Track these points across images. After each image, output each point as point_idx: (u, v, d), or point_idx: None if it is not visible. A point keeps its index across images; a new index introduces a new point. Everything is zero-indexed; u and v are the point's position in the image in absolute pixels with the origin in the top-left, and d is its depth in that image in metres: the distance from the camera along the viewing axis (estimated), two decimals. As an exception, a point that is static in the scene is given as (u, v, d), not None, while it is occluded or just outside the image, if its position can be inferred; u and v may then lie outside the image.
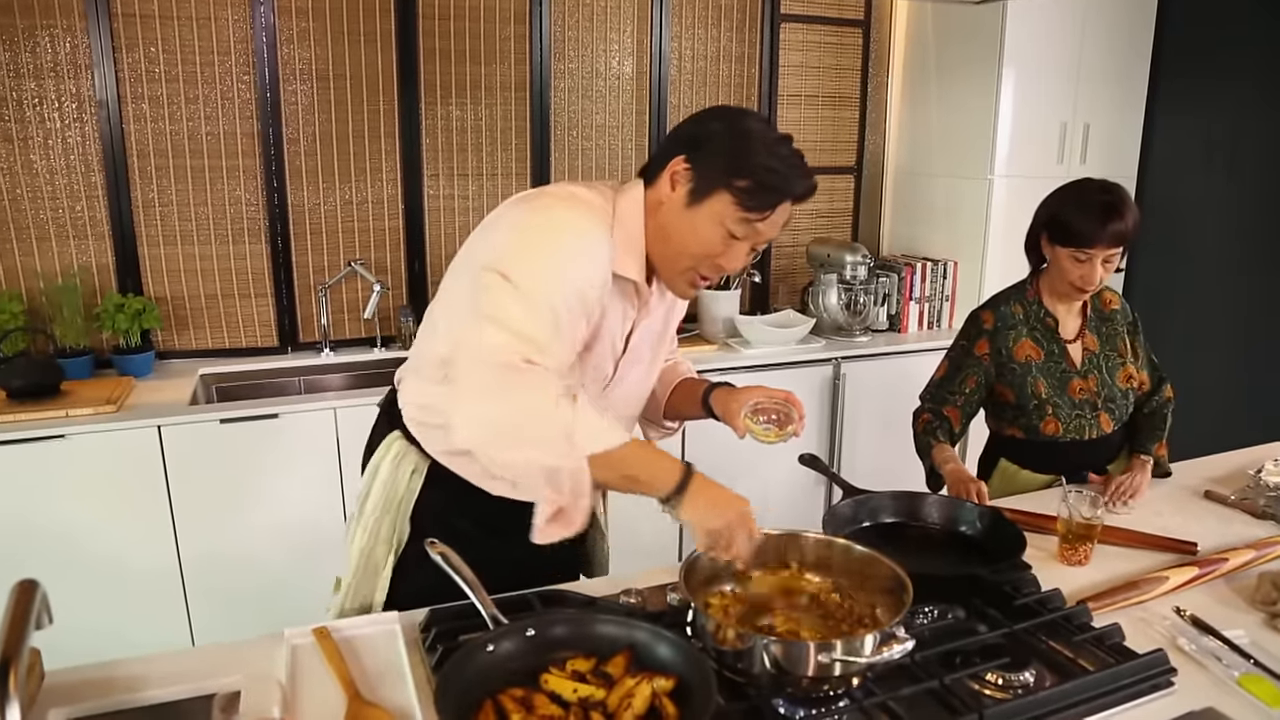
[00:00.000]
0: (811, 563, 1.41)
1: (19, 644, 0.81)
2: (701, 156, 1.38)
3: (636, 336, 1.56)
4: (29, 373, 2.72)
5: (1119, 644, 1.36)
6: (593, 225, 1.40)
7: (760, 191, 1.36)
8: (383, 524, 1.60)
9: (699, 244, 1.41)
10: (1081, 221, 1.98)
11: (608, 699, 1.13)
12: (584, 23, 3.49)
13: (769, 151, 1.37)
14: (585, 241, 1.38)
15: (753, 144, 1.37)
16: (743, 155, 1.36)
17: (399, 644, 1.40)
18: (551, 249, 1.37)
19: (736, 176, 1.35)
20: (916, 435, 2.22)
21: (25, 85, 2.89)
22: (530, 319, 1.30)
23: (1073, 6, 3.60)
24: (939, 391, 2.22)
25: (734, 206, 1.36)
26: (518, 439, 1.27)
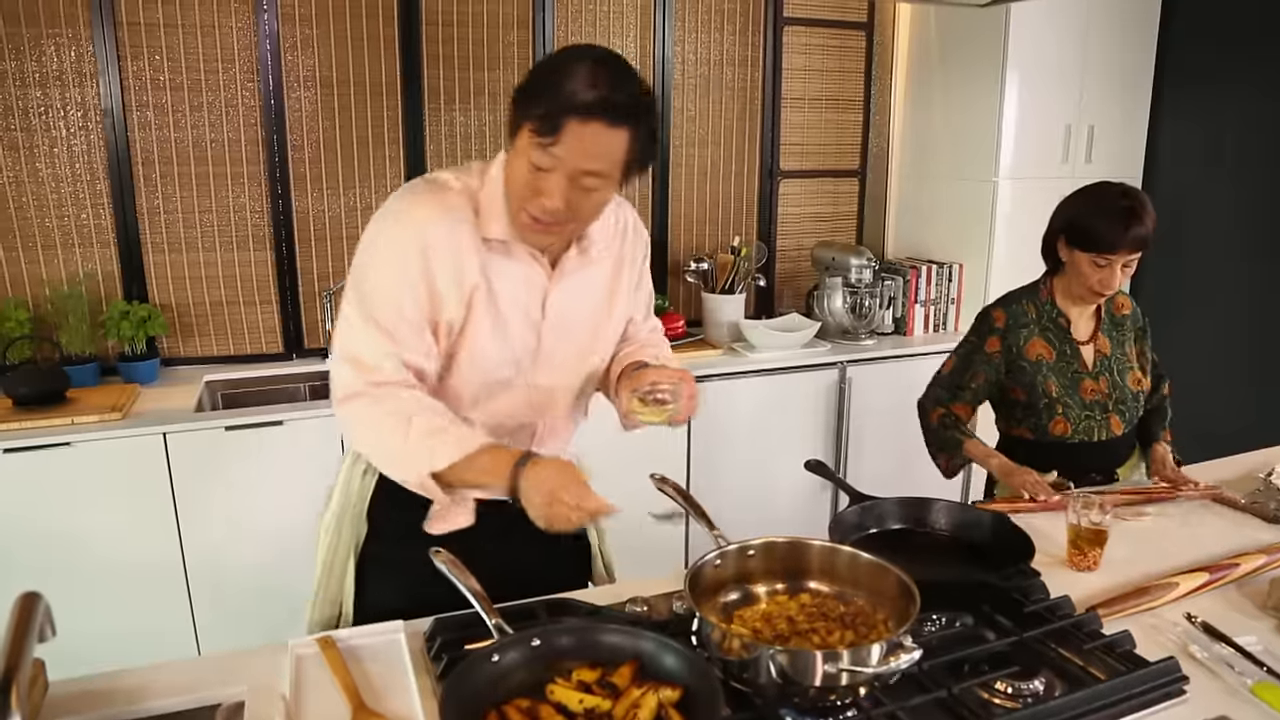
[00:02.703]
0: (818, 571, 1.40)
1: (21, 657, 0.81)
2: (516, 99, 1.36)
3: (558, 302, 1.54)
4: (35, 380, 2.73)
5: (1129, 651, 1.35)
6: (425, 210, 1.43)
7: (546, 114, 1.30)
8: (343, 526, 1.62)
9: (516, 183, 1.39)
10: (1103, 227, 1.98)
11: (614, 710, 1.12)
12: (586, 28, 3.48)
13: (560, 72, 1.31)
14: (414, 230, 1.42)
15: (546, 70, 1.34)
16: (535, 83, 1.34)
17: (404, 653, 1.39)
18: (384, 256, 1.44)
19: (530, 105, 1.32)
20: (932, 431, 2.21)
21: (31, 94, 2.90)
22: (368, 341, 1.42)
23: (1076, 8, 3.59)
24: (946, 388, 2.22)
25: (530, 134, 1.32)
26: (380, 462, 1.49)
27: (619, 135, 1.32)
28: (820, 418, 3.50)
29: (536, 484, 1.32)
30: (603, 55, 1.36)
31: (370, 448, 1.49)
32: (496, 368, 1.53)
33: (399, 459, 1.42)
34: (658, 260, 3.77)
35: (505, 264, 1.48)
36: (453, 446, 1.38)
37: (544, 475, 1.33)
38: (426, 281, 1.43)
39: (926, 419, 2.24)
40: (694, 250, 3.80)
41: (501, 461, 1.37)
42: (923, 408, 2.27)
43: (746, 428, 3.37)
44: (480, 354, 1.50)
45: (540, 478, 1.33)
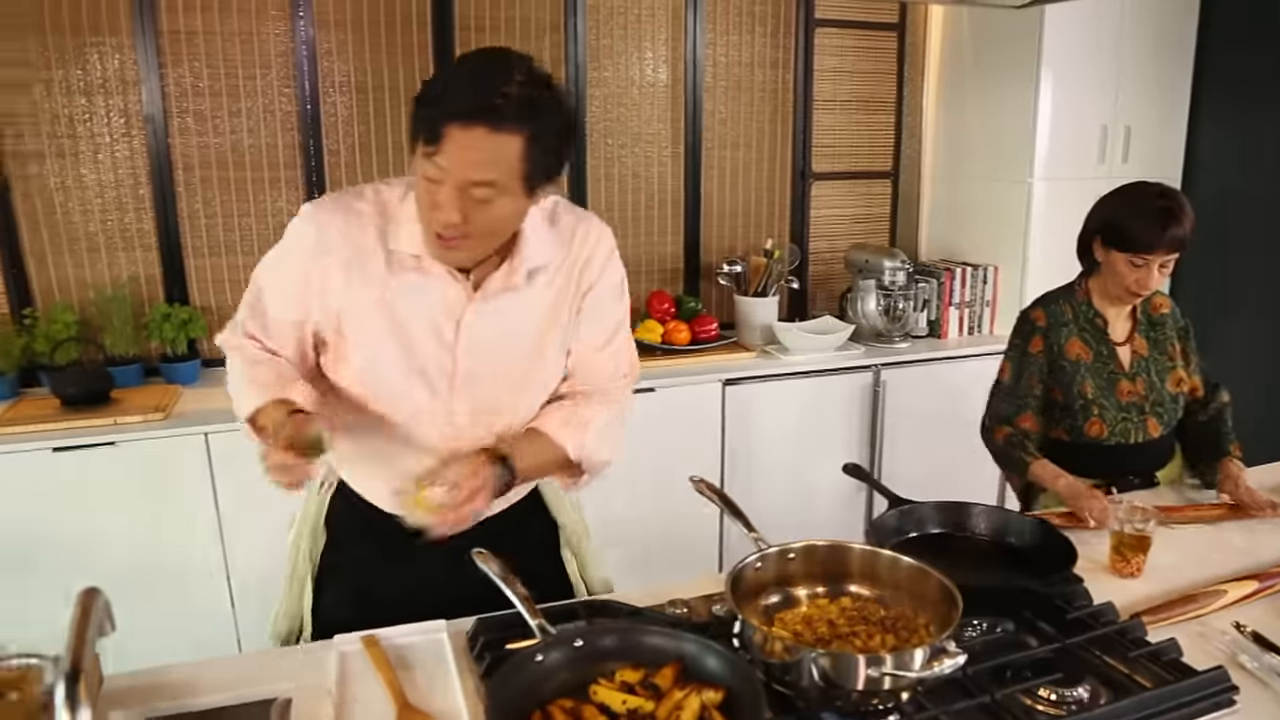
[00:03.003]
0: (858, 574, 1.40)
1: (85, 650, 0.83)
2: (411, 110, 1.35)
3: (477, 325, 1.47)
4: (81, 381, 2.79)
5: (1176, 660, 1.33)
6: (325, 215, 1.44)
7: (428, 122, 1.26)
8: (303, 536, 1.67)
9: (419, 198, 1.35)
10: (1140, 227, 1.97)
11: (657, 711, 1.13)
12: (618, 31, 3.50)
13: (440, 80, 1.29)
14: (306, 231, 1.44)
15: (436, 77, 1.31)
16: (424, 92, 1.29)
17: (446, 652, 1.41)
18: (280, 249, 1.49)
19: (416, 115, 1.29)
20: (999, 450, 2.16)
21: (76, 102, 2.95)
22: (242, 309, 1.51)
23: (1113, 7, 3.56)
24: (1010, 399, 2.18)
25: (424, 146, 1.28)
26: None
27: (508, 141, 1.25)
28: (855, 421, 3.49)
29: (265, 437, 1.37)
30: (493, 54, 1.32)
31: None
32: (403, 384, 1.49)
33: (234, 404, 1.47)
34: (690, 262, 3.78)
35: (417, 279, 1.44)
36: (255, 397, 1.41)
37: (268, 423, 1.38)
38: (300, 282, 1.45)
39: (991, 438, 2.18)
40: (726, 253, 3.80)
41: (277, 416, 1.36)
42: (985, 427, 2.21)
43: (781, 431, 3.37)
44: (378, 365, 1.48)
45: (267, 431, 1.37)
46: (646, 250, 3.73)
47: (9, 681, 1.24)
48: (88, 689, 0.81)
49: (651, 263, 3.74)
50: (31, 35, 2.86)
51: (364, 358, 1.48)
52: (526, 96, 1.26)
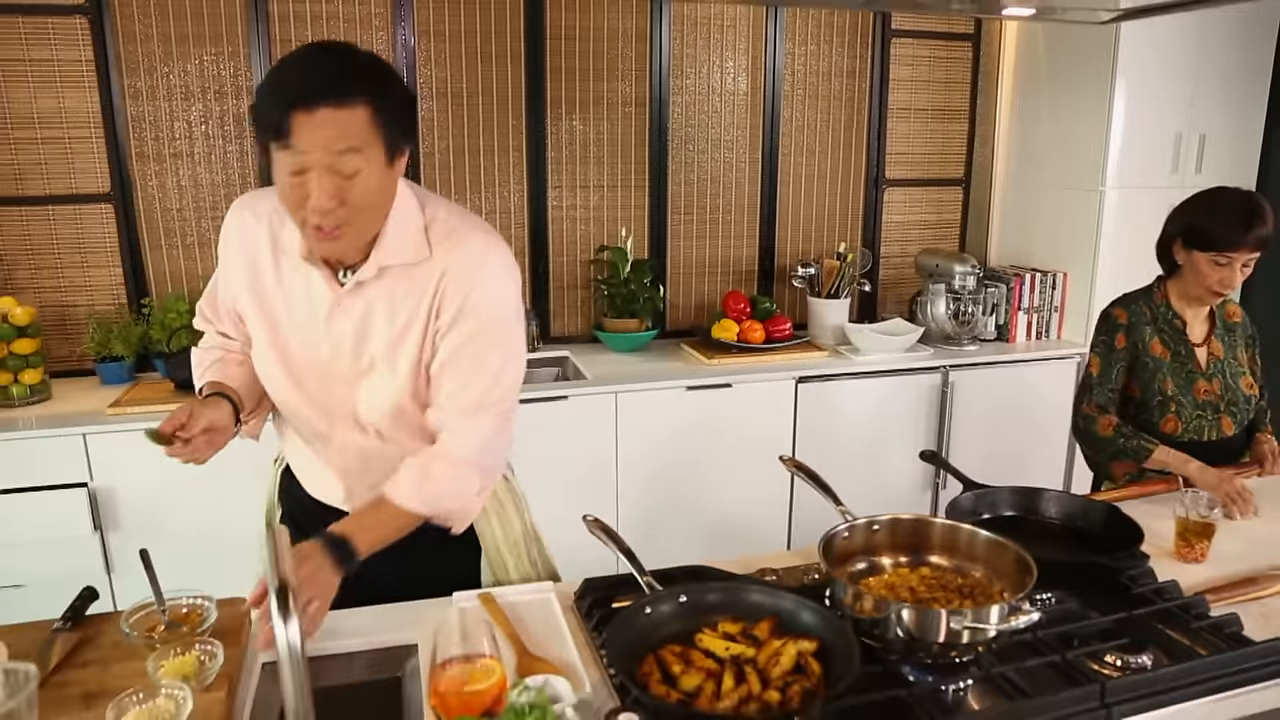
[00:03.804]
0: (939, 546, 1.52)
1: (288, 573, 0.98)
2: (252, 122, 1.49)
3: (344, 322, 1.50)
4: (194, 367, 2.99)
5: (1237, 633, 1.43)
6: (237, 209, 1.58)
7: (273, 118, 1.27)
8: (266, 510, 1.85)
9: (288, 200, 1.35)
10: (1225, 227, 2.06)
11: (757, 656, 1.26)
12: (701, 41, 3.64)
13: (275, 78, 1.32)
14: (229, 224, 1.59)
15: (265, 83, 1.32)
16: (260, 99, 1.32)
17: (556, 608, 1.55)
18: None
19: (255, 119, 1.33)
20: (1106, 440, 2.21)
21: (193, 106, 3.18)
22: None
23: (1190, 18, 3.58)
24: (1103, 390, 2.26)
25: (277, 149, 1.30)
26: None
27: (355, 112, 1.28)
28: (923, 420, 3.58)
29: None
30: (314, 46, 1.36)
31: None
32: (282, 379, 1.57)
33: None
34: (765, 264, 3.90)
35: (291, 270, 1.52)
36: (196, 381, 1.65)
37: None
38: (226, 268, 1.60)
39: (1094, 429, 2.24)
40: (801, 256, 3.91)
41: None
42: (1087, 419, 2.26)
43: (851, 427, 3.47)
44: (264, 358, 1.58)
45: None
46: (723, 252, 3.86)
47: (181, 617, 1.43)
48: (298, 604, 0.96)
49: (727, 264, 3.87)
50: (157, 45, 3.09)
51: (258, 345, 1.59)
52: (358, 68, 1.32)
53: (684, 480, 3.31)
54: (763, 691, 1.19)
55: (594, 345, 3.66)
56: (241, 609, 1.47)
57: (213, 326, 1.71)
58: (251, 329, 1.59)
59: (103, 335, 3.12)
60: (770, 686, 1.20)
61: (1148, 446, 2.15)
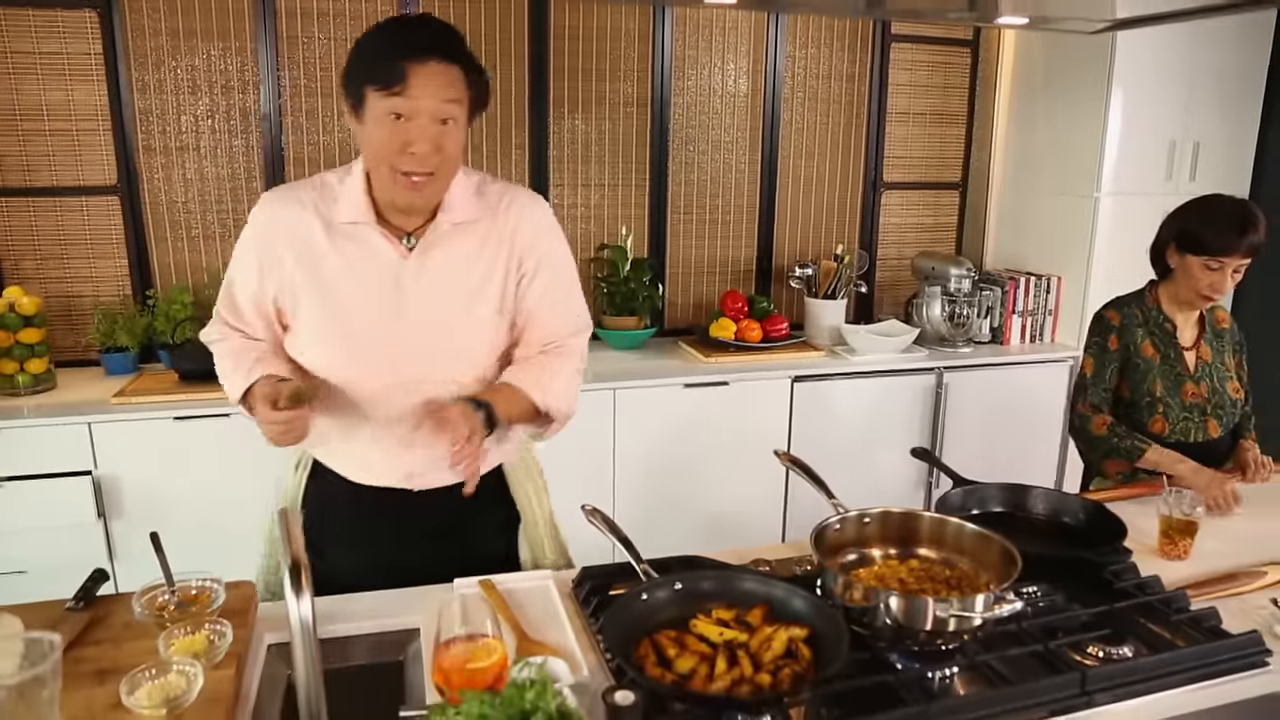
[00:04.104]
0: (927, 539, 1.56)
1: (300, 552, 1.02)
2: (346, 79, 1.50)
3: (420, 283, 1.60)
4: (198, 358, 3.01)
5: (1215, 626, 1.47)
6: (263, 206, 1.63)
7: (387, 67, 1.43)
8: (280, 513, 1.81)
9: (382, 148, 1.47)
10: (1218, 233, 2.10)
11: (750, 641, 1.30)
12: (702, 43, 3.68)
13: (380, 35, 1.48)
14: (253, 223, 1.63)
15: (363, 41, 1.49)
16: (362, 53, 1.48)
17: (554, 595, 1.59)
18: (239, 245, 1.66)
19: (367, 71, 1.46)
20: (1099, 439, 2.25)
21: (200, 100, 3.21)
22: (218, 303, 1.70)
23: (1185, 25, 3.63)
24: (1097, 390, 2.30)
25: (380, 96, 1.44)
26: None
27: (456, 70, 1.46)
28: (917, 419, 3.63)
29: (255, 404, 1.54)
30: (404, 15, 1.53)
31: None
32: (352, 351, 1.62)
33: (226, 391, 1.67)
34: (763, 265, 3.94)
35: (356, 248, 1.59)
36: (242, 380, 1.61)
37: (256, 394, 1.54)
38: (259, 274, 1.62)
39: (1088, 428, 2.28)
40: (798, 256, 3.96)
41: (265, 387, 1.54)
42: (1082, 418, 2.30)
43: (846, 425, 3.52)
44: (330, 335, 1.62)
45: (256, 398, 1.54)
46: (722, 252, 3.90)
47: (190, 598, 1.47)
48: (308, 581, 1.00)
49: (726, 264, 3.91)
50: (165, 39, 3.13)
51: (317, 329, 1.63)
52: (457, 36, 1.51)
53: (681, 476, 3.35)
54: (754, 674, 1.23)
55: (593, 342, 3.63)
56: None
57: (238, 332, 1.69)
58: (305, 319, 1.62)
59: (108, 326, 3.15)
60: (762, 670, 1.24)
61: (1140, 446, 2.19)
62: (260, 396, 1.50)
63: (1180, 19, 1.96)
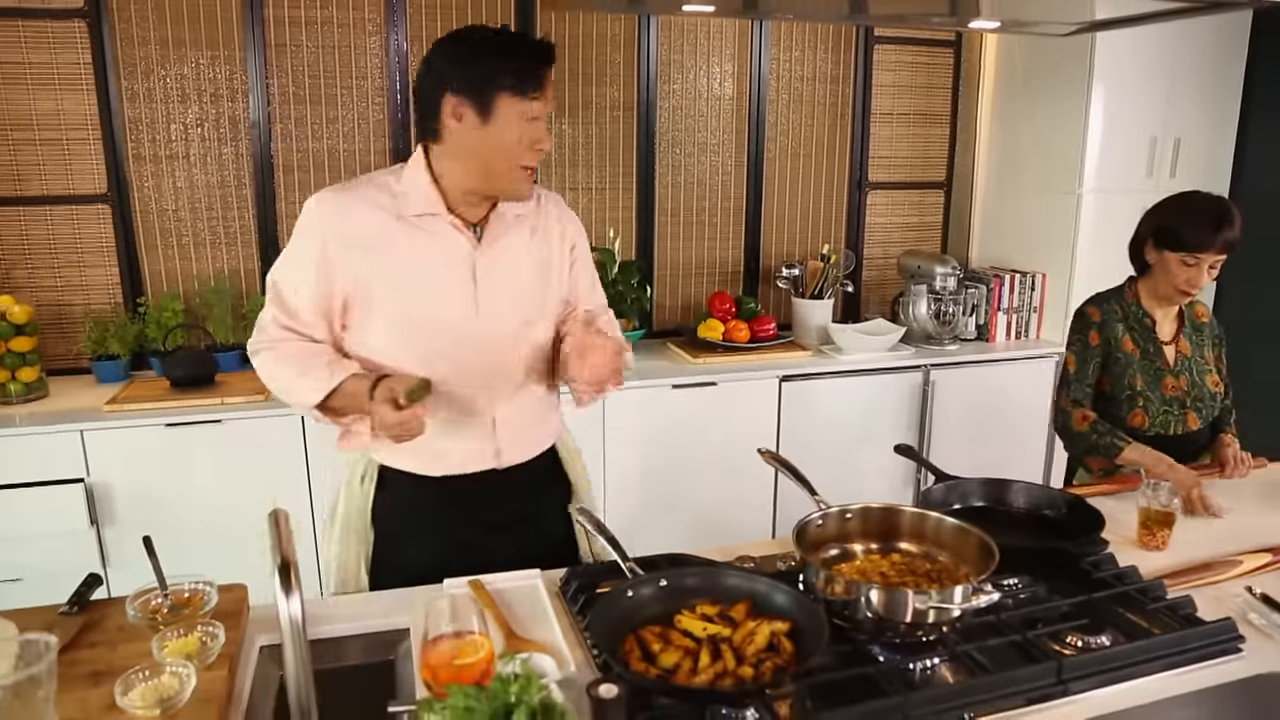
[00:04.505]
0: (908, 533, 1.59)
1: (291, 553, 1.05)
2: (464, 85, 1.56)
3: (488, 272, 1.70)
4: (188, 364, 3.05)
5: (1190, 614, 1.50)
6: (326, 205, 1.65)
7: (526, 73, 1.57)
8: (350, 533, 1.81)
9: (512, 144, 1.59)
10: (1195, 230, 2.14)
11: (733, 636, 1.33)
12: (688, 47, 3.71)
13: (502, 45, 1.59)
14: (315, 222, 1.64)
15: (491, 49, 1.58)
16: (492, 61, 1.57)
17: (542, 594, 1.62)
18: (293, 245, 1.67)
19: (503, 78, 1.56)
20: (1080, 435, 2.28)
21: (190, 109, 3.23)
22: (267, 310, 1.69)
23: (1164, 24, 3.67)
24: (1080, 386, 2.33)
25: (518, 100, 1.57)
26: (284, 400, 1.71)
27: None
28: (904, 417, 3.66)
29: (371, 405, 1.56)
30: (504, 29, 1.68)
31: (276, 390, 1.71)
32: (431, 340, 1.68)
33: (288, 396, 1.67)
34: (750, 265, 3.98)
35: (427, 240, 1.66)
36: (323, 382, 1.61)
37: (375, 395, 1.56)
38: (324, 271, 1.63)
39: (1070, 424, 2.31)
40: (785, 257, 3.99)
41: (360, 386, 1.59)
42: (1064, 414, 2.33)
43: (834, 424, 3.55)
44: (408, 327, 1.67)
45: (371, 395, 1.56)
46: (709, 253, 3.93)
47: (183, 601, 1.49)
48: (296, 581, 1.02)
49: (714, 265, 3.94)
50: (154, 48, 3.15)
51: (394, 321, 1.67)
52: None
53: (670, 477, 3.38)
54: (737, 668, 1.25)
55: (582, 344, 3.71)
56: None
57: (296, 335, 1.69)
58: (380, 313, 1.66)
59: (99, 334, 3.17)
60: (744, 663, 1.26)
61: (1119, 444, 2.21)
62: (380, 400, 1.54)
63: (1148, 21, 1.99)
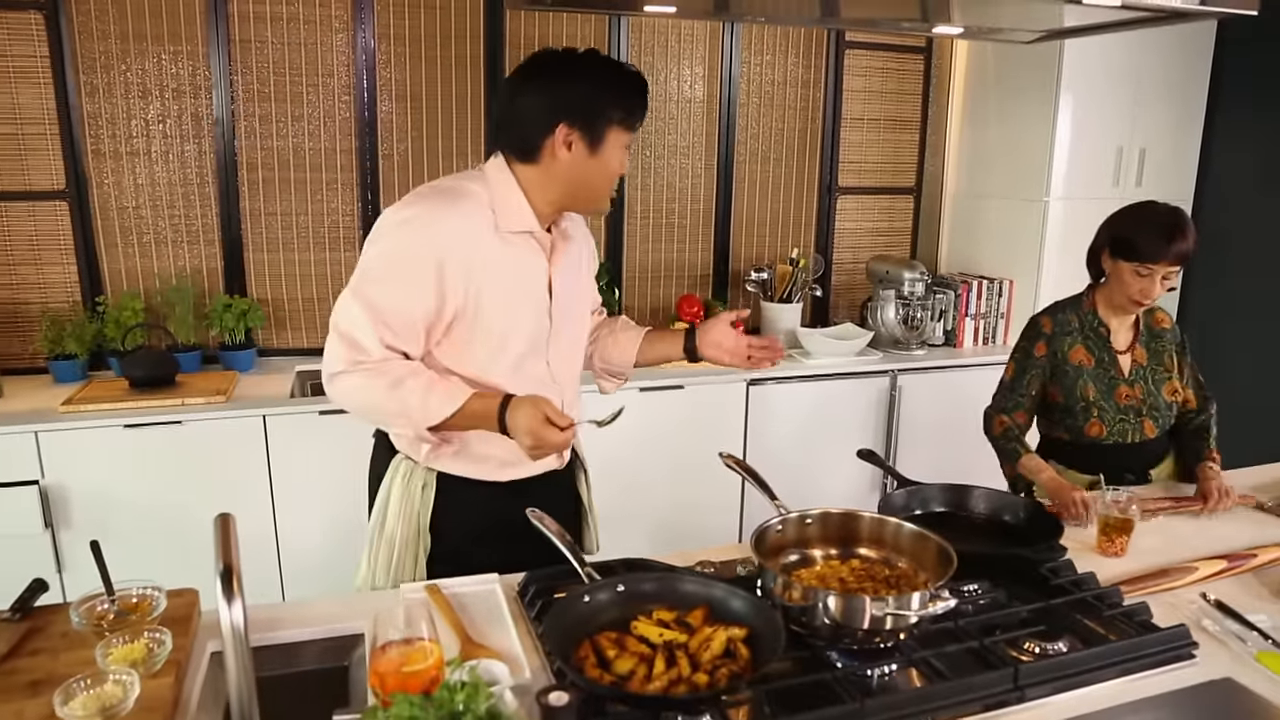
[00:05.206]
0: (867, 539, 1.58)
1: (233, 558, 1.02)
2: (579, 118, 1.62)
3: (557, 284, 1.76)
4: (149, 365, 3.00)
5: (1146, 620, 1.51)
6: (444, 222, 1.62)
7: (633, 109, 1.66)
8: (408, 540, 1.79)
9: (610, 170, 1.68)
10: (1147, 240, 2.14)
11: (689, 643, 1.31)
12: (659, 50, 3.70)
13: (617, 80, 1.66)
14: (430, 240, 1.61)
15: (604, 82, 1.65)
16: (609, 95, 1.64)
17: (500, 599, 1.60)
18: (400, 259, 1.62)
19: (614, 110, 1.64)
20: (995, 439, 2.33)
21: (151, 105, 3.18)
22: (364, 327, 1.60)
23: (1130, 34, 3.69)
24: (1010, 395, 2.35)
25: (624, 133, 1.67)
26: (378, 422, 1.76)
27: None
28: (871, 422, 3.67)
29: (517, 422, 1.59)
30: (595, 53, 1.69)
31: (367, 412, 1.69)
32: (522, 352, 1.72)
33: (398, 417, 1.65)
34: (719, 269, 3.97)
35: (514, 255, 1.69)
36: (446, 401, 1.62)
37: (521, 414, 1.58)
38: (437, 287, 1.61)
39: (990, 427, 2.36)
40: (754, 260, 3.99)
41: (489, 406, 1.62)
42: (987, 416, 2.38)
43: (800, 429, 3.55)
44: (508, 339, 1.70)
45: (519, 416, 1.58)
46: (679, 256, 3.92)
47: (131, 607, 1.46)
48: (239, 586, 1.00)
49: (683, 268, 3.93)
50: (115, 42, 3.10)
51: (494, 335, 1.69)
52: None
53: (636, 480, 3.36)
54: (692, 674, 1.24)
55: (550, 347, 3.69)
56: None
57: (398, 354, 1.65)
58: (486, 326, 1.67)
59: (56, 333, 3.11)
60: (699, 670, 1.25)
61: (1019, 450, 2.25)
62: (533, 418, 1.57)
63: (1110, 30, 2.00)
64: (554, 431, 1.57)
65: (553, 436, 1.57)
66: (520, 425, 1.58)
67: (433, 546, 1.80)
